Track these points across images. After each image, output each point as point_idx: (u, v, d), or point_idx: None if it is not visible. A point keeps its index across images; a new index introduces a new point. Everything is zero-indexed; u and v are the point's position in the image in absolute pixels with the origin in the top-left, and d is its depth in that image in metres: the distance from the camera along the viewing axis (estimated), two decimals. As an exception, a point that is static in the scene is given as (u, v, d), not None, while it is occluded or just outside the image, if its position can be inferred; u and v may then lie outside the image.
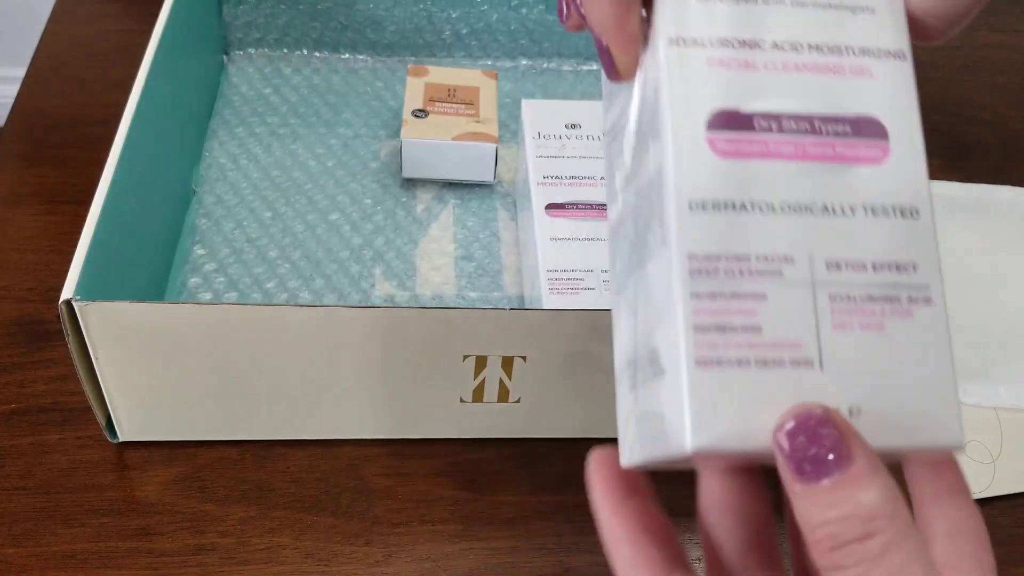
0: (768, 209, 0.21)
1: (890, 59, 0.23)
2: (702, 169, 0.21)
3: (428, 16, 0.64)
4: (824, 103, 0.22)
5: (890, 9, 0.23)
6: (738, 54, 0.22)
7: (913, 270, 0.22)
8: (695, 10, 0.22)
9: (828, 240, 0.21)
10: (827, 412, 0.20)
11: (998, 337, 0.52)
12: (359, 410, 0.43)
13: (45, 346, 0.47)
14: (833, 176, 0.22)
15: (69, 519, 0.41)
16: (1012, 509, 0.45)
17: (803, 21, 0.22)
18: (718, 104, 0.22)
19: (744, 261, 0.21)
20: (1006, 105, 0.70)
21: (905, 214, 0.22)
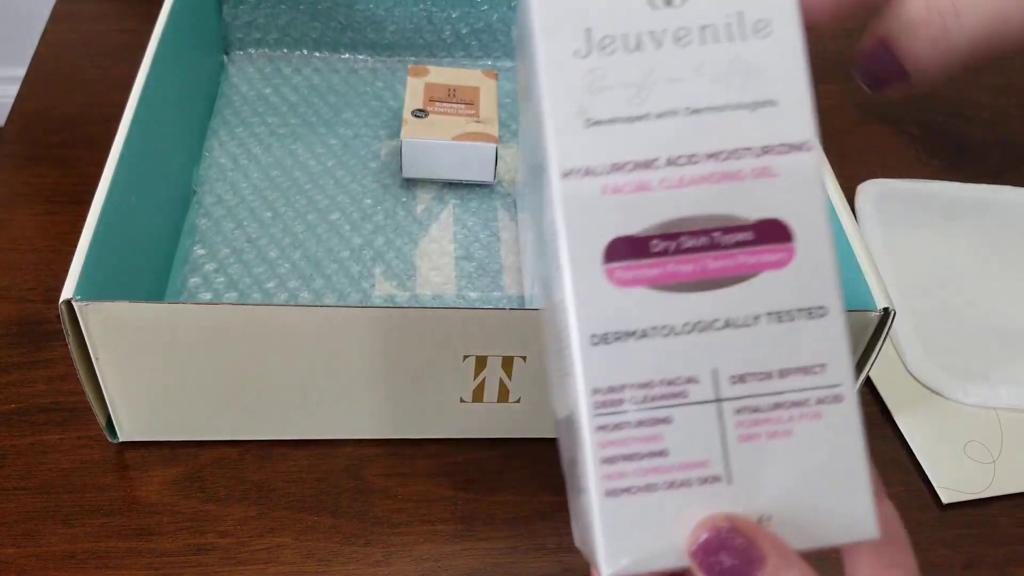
0: (670, 332, 0.21)
1: (793, 153, 0.22)
2: (601, 302, 0.21)
3: (428, 16, 0.63)
4: (724, 214, 0.22)
5: (793, 98, 0.22)
6: (632, 177, 0.21)
7: (821, 370, 0.22)
8: (587, 138, 0.22)
9: (732, 354, 0.21)
10: (731, 521, 0.21)
11: (999, 337, 0.52)
12: (359, 410, 0.43)
13: (45, 346, 0.47)
14: (735, 288, 0.22)
15: (69, 519, 0.41)
16: (1012, 509, 0.45)
17: (699, 130, 0.22)
18: (614, 233, 0.21)
19: (648, 388, 0.21)
20: (1008, 105, 0.70)
21: (812, 314, 0.22)
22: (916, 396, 0.49)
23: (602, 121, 0.22)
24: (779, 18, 0.22)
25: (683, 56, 0.22)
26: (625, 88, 0.22)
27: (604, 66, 0.22)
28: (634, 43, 0.22)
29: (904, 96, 0.70)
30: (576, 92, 0.22)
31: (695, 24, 0.22)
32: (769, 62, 0.22)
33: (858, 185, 0.60)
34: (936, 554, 0.43)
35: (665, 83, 0.22)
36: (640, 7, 0.22)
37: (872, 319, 0.40)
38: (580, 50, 0.22)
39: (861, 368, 0.42)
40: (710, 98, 0.22)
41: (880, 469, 0.48)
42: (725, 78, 0.22)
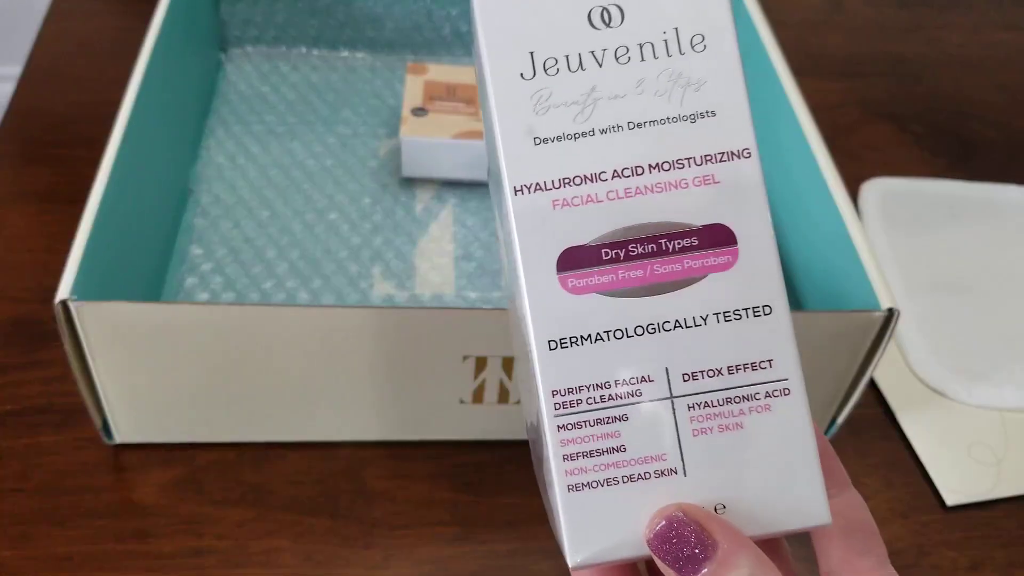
0: (623, 335, 0.23)
1: (735, 160, 0.23)
2: (557, 310, 0.23)
3: (427, 13, 0.63)
4: (670, 221, 0.23)
5: (732, 108, 0.23)
6: (581, 190, 0.23)
7: (770, 366, 0.23)
8: (536, 155, 0.23)
9: (684, 354, 0.23)
10: (684, 510, 0.22)
11: (1004, 338, 0.52)
12: (358, 412, 0.43)
13: (41, 347, 0.47)
14: (684, 291, 0.23)
15: (65, 521, 0.41)
16: (1017, 511, 0.45)
17: (642, 143, 0.23)
18: (566, 244, 0.23)
19: (605, 388, 0.23)
20: (1013, 103, 0.69)
21: (758, 312, 0.23)
22: (920, 397, 0.49)
23: (549, 139, 0.23)
24: (714, 32, 0.23)
25: (624, 73, 0.23)
26: (570, 106, 0.23)
27: (549, 86, 0.23)
28: (576, 63, 0.23)
29: (908, 94, 0.69)
30: (524, 112, 0.23)
31: (634, 42, 0.23)
32: (707, 75, 0.23)
33: (862, 184, 0.60)
34: (940, 556, 0.43)
35: (608, 100, 0.23)
36: (581, 28, 0.23)
37: (876, 319, 0.40)
38: (526, 72, 0.23)
39: (865, 369, 0.42)
40: (652, 112, 0.23)
41: (884, 471, 0.48)
42: (665, 92, 0.23)
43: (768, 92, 0.53)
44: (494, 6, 0.23)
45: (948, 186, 0.61)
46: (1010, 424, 0.48)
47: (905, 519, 0.44)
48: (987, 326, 0.53)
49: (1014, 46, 0.75)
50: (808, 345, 0.41)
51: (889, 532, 0.44)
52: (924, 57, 0.73)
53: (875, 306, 0.40)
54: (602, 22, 0.23)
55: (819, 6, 0.77)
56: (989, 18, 0.78)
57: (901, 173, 0.62)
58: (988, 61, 0.73)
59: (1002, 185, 0.62)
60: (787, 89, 0.51)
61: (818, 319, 0.40)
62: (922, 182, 0.61)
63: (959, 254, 0.57)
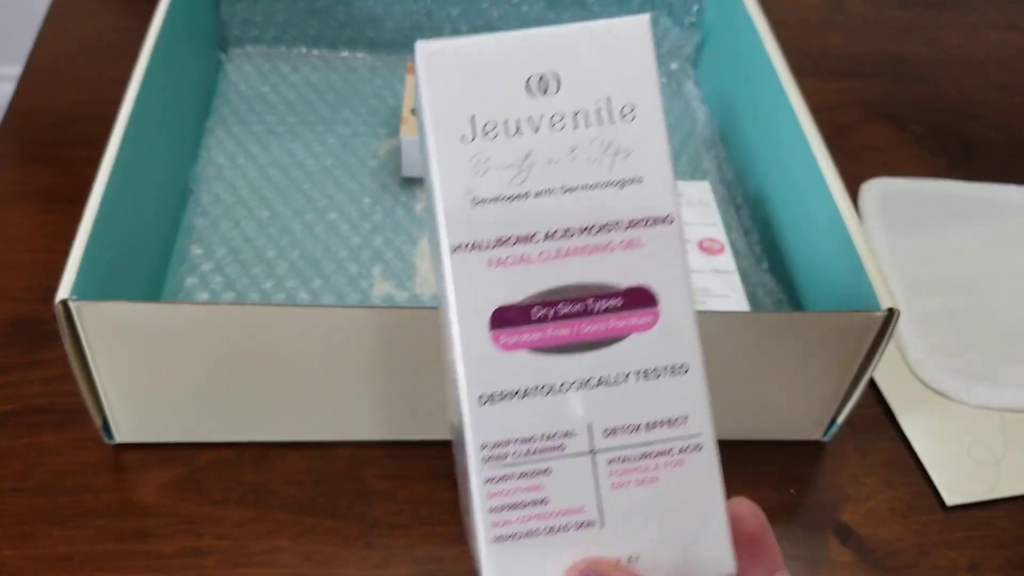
0: (550, 391, 0.24)
1: (658, 225, 0.24)
2: (488, 366, 0.24)
3: (428, 13, 0.63)
4: (596, 282, 0.24)
5: (657, 175, 0.24)
6: (514, 251, 0.24)
7: (684, 422, 0.24)
8: (473, 216, 0.24)
9: (605, 410, 0.24)
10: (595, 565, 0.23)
11: (1003, 338, 0.52)
12: (358, 411, 0.43)
13: (41, 347, 0.47)
14: (608, 350, 0.24)
15: (65, 521, 0.41)
16: (1016, 511, 0.45)
17: (573, 206, 0.24)
18: (499, 302, 0.24)
19: (530, 442, 0.24)
20: (1013, 103, 0.69)
21: (675, 371, 0.24)
22: (920, 397, 0.49)
23: (486, 200, 0.24)
24: (643, 103, 0.24)
25: (558, 139, 0.24)
26: (506, 169, 0.24)
27: (487, 150, 0.24)
28: (514, 128, 0.24)
29: (908, 94, 0.69)
30: (463, 174, 0.24)
31: (568, 110, 0.24)
32: (635, 143, 0.24)
33: (862, 184, 0.60)
34: (940, 556, 0.43)
35: (542, 164, 0.24)
36: (519, 95, 0.24)
37: (876, 319, 0.40)
38: (466, 135, 0.24)
39: (865, 369, 0.42)
40: (583, 177, 0.24)
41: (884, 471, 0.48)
42: (596, 159, 0.24)
43: (768, 92, 0.53)
44: (439, 69, 0.24)
45: (948, 186, 0.61)
46: (1010, 424, 0.48)
47: (905, 519, 0.44)
48: (987, 326, 0.53)
49: (1014, 46, 0.75)
50: (808, 345, 0.41)
51: (889, 532, 0.44)
52: (924, 57, 0.73)
53: (875, 306, 0.40)
54: (539, 90, 0.24)
55: (819, 6, 0.77)
56: (989, 18, 0.78)
57: (901, 173, 0.62)
58: (988, 61, 0.73)
59: (1002, 185, 0.62)
60: (787, 89, 0.51)
61: (818, 319, 0.40)
62: (922, 182, 0.61)
63: (959, 254, 0.57)
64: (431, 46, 0.24)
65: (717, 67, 0.62)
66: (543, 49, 0.24)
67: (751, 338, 0.41)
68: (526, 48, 0.24)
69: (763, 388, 0.43)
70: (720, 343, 0.41)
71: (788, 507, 0.44)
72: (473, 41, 0.24)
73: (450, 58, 0.24)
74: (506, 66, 0.24)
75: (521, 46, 0.24)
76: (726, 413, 0.45)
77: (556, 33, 0.24)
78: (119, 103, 0.44)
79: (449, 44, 0.24)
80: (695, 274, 0.48)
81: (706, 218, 0.51)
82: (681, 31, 0.65)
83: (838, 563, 0.42)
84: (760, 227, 0.54)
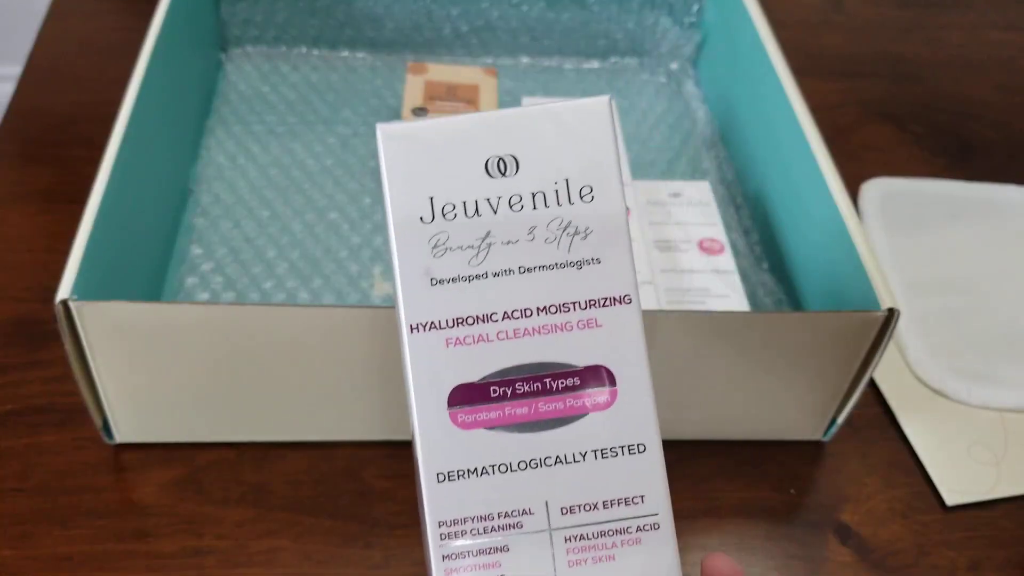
0: (507, 469, 0.24)
1: (616, 305, 0.24)
2: (446, 444, 0.24)
3: (428, 13, 0.63)
4: (554, 361, 0.24)
5: (616, 256, 0.25)
6: (472, 330, 0.24)
7: (641, 501, 0.24)
8: (432, 296, 0.24)
9: (563, 488, 0.24)
10: None
11: (1003, 338, 0.52)
12: (358, 411, 0.43)
13: (41, 347, 0.47)
14: (565, 428, 0.24)
15: (66, 521, 0.41)
16: (1016, 511, 0.45)
17: (531, 287, 0.24)
18: (457, 380, 0.24)
19: (488, 520, 0.24)
20: (1012, 103, 0.69)
21: (632, 450, 0.24)
22: (920, 397, 0.49)
23: (445, 280, 0.24)
24: (602, 185, 0.25)
25: (517, 220, 0.24)
26: (465, 250, 0.24)
27: (446, 230, 0.24)
28: (473, 209, 0.24)
29: (908, 94, 0.69)
30: (422, 254, 0.24)
31: (527, 191, 0.24)
32: (594, 224, 0.25)
33: (862, 184, 0.60)
34: (940, 556, 0.43)
35: (501, 245, 0.24)
36: (478, 177, 0.24)
37: (876, 319, 0.40)
38: (425, 216, 0.24)
39: (865, 369, 0.42)
40: (541, 258, 0.24)
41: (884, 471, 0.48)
42: (555, 239, 0.24)
43: (768, 92, 0.53)
44: (398, 150, 0.24)
45: (948, 186, 0.61)
46: (1010, 424, 0.48)
47: (905, 519, 0.44)
48: (987, 326, 0.53)
49: (1014, 46, 0.75)
50: (808, 345, 0.41)
51: (889, 532, 0.44)
52: (924, 57, 0.73)
53: (875, 306, 0.40)
54: (498, 171, 0.24)
55: (819, 6, 0.77)
56: (989, 18, 0.78)
57: (901, 173, 0.62)
58: (988, 61, 0.73)
59: (1002, 185, 0.62)
60: (787, 89, 0.51)
61: (818, 319, 0.40)
62: (922, 182, 0.61)
63: (959, 254, 0.57)
64: (391, 128, 0.24)
65: (717, 67, 0.62)
66: (502, 131, 0.24)
67: (751, 338, 0.41)
68: (485, 130, 0.24)
69: (763, 388, 0.43)
70: (720, 343, 0.41)
71: (788, 507, 0.44)
72: (433, 123, 0.25)
73: (410, 140, 0.24)
74: (465, 148, 0.24)
75: (480, 128, 0.24)
76: (726, 413, 0.45)
77: (516, 115, 0.25)
78: (119, 103, 0.44)
79: (409, 127, 0.25)
80: (695, 274, 0.48)
81: (706, 218, 0.51)
82: (681, 31, 0.65)
83: (838, 563, 0.42)
84: (760, 227, 0.54)
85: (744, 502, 0.44)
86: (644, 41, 0.66)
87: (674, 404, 0.44)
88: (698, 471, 0.45)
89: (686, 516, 0.43)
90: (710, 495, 0.44)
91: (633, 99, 0.64)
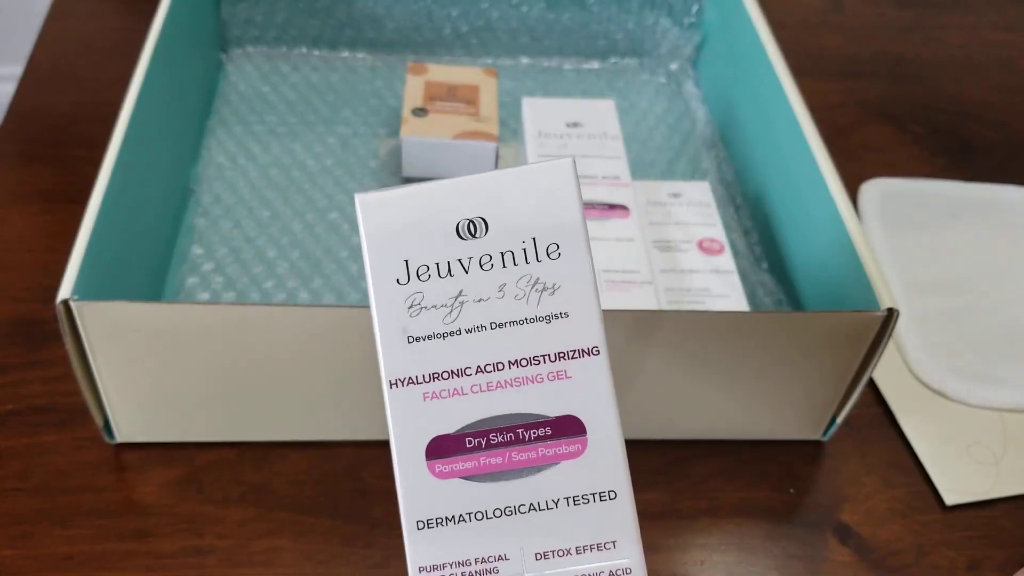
0: (483, 517, 0.25)
1: (585, 357, 0.25)
2: (424, 494, 0.25)
3: (428, 13, 0.63)
4: (527, 413, 0.25)
5: (583, 309, 0.26)
6: (448, 384, 0.25)
7: (613, 547, 0.25)
8: (409, 352, 0.25)
9: (536, 534, 0.25)
10: None
11: (1003, 338, 0.52)
12: (358, 411, 0.43)
13: (42, 346, 0.47)
14: (538, 476, 0.25)
15: (66, 521, 0.41)
16: (1016, 511, 0.45)
17: (502, 341, 0.25)
18: (434, 432, 0.25)
19: (466, 565, 0.25)
20: (1012, 103, 0.70)
21: (603, 497, 0.25)
22: (919, 397, 0.49)
23: (421, 337, 0.25)
24: (568, 242, 0.26)
25: (487, 279, 0.26)
26: (439, 308, 0.26)
27: (421, 290, 0.26)
28: (446, 269, 0.26)
29: (908, 94, 0.69)
30: (398, 313, 0.26)
31: (496, 250, 0.26)
32: (561, 279, 0.26)
33: (861, 184, 0.60)
34: (939, 556, 0.43)
35: (472, 303, 0.26)
36: (449, 239, 0.26)
37: (876, 319, 0.40)
38: (401, 278, 0.26)
39: (865, 369, 0.42)
40: (511, 313, 0.26)
41: (883, 471, 0.48)
42: (524, 296, 0.26)
43: (768, 92, 0.53)
44: (375, 217, 0.26)
45: (947, 186, 0.61)
46: (1009, 424, 0.48)
47: (904, 519, 0.44)
48: (987, 326, 0.53)
49: (1014, 46, 0.75)
50: (808, 345, 0.41)
51: (888, 532, 0.44)
52: (924, 57, 0.73)
53: (875, 306, 0.40)
54: (468, 233, 0.26)
55: (819, 6, 0.77)
56: (989, 18, 0.78)
57: (901, 173, 0.62)
58: (988, 61, 0.73)
59: (1001, 185, 0.62)
60: (787, 89, 0.51)
61: (818, 319, 0.40)
62: (922, 182, 0.61)
63: (959, 254, 0.57)
64: (368, 197, 0.26)
65: (717, 67, 0.62)
66: (471, 195, 0.26)
67: (751, 338, 0.41)
68: (456, 195, 0.26)
69: (763, 388, 0.43)
70: (720, 343, 0.41)
71: (788, 507, 0.44)
72: (407, 190, 0.26)
73: (385, 207, 0.26)
74: (437, 212, 0.26)
75: (451, 193, 0.26)
76: (726, 413, 0.45)
77: (485, 180, 0.26)
78: (120, 103, 0.44)
79: (384, 194, 0.26)
80: (695, 274, 0.48)
81: (706, 218, 0.51)
82: (681, 31, 0.65)
83: (838, 563, 0.42)
84: (760, 227, 0.54)
85: (744, 502, 0.44)
86: (644, 41, 0.66)
87: (674, 404, 0.44)
88: (698, 471, 0.45)
89: (686, 516, 0.43)
90: (710, 495, 0.44)
91: (633, 99, 0.64)
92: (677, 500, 0.44)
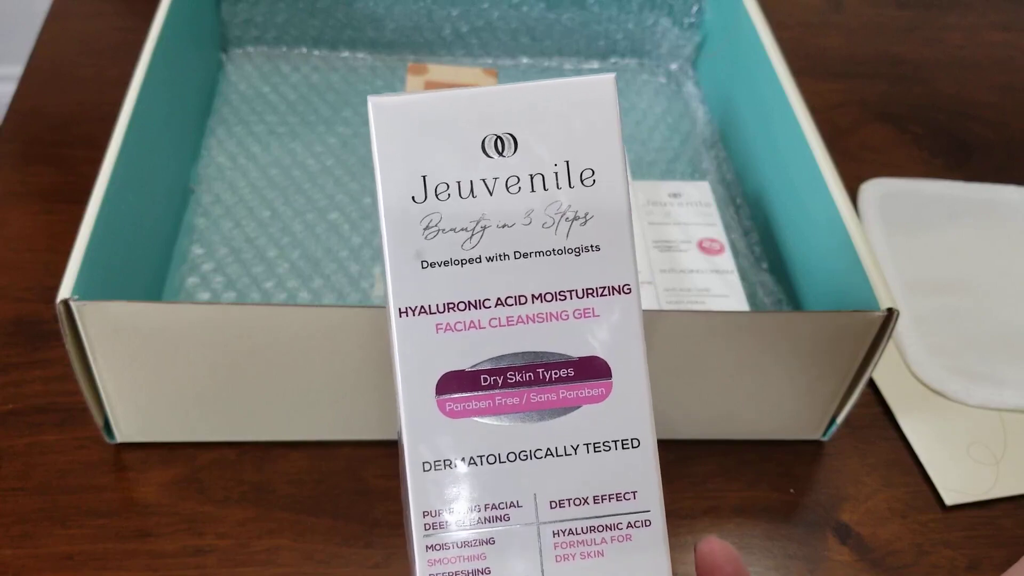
0: (496, 460, 0.23)
1: (614, 295, 0.24)
2: (433, 432, 0.23)
3: (428, 14, 0.63)
4: (548, 352, 0.23)
5: (616, 243, 0.24)
6: (464, 316, 0.23)
7: (634, 497, 0.24)
8: (422, 278, 0.23)
9: (552, 481, 0.23)
10: None
11: (1002, 338, 0.52)
12: (359, 411, 0.43)
13: (42, 346, 0.47)
14: (557, 420, 0.24)
15: (67, 520, 0.41)
16: (1016, 511, 0.45)
17: (526, 273, 0.23)
18: (446, 367, 0.23)
19: (475, 511, 0.23)
20: (1010, 104, 0.70)
21: (626, 445, 0.24)
22: (919, 397, 0.49)
23: (436, 263, 0.23)
24: (604, 168, 0.23)
25: (513, 203, 0.23)
26: (459, 232, 0.23)
27: (439, 211, 0.23)
28: (468, 190, 0.23)
29: (908, 94, 0.69)
30: (413, 235, 0.23)
31: (525, 172, 0.23)
32: (594, 210, 0.24)
33: (861, 184, 0.60)
34: (939, 556, 0.43)
35: (496, 228, 0.23)
36: (474, 155, 0.23)
37: (876, 319, 0.40)
38: (417, 195, 0.23)
39: (865, 369, 0.42)
40: (538, 243, 0.23)
41: (883, 471, 0.48)
42: (552, 224, 0.23)
43: (768, 92, 0.53)
44: (390, 125, 0.23)
45: (947, 186, 0.61)
46: (1009, 424, 0.48)
47: (904, 519, 0.44)
48: (987, 326, 0.53)
49: (1014, 46, 0.75)
50: (807, 345, 0.41)
51: (888, 532, 0.44)
52: (924, 57, 0.73)
53: (875, 306, 0.40)
54: (495, 151, 0.23)
55: (819, 6, 0.77)
56: (989, 18, 0.78)
57: (900, 173, 0.62)
58: (987, 61, 0.73)
59: (1001, 185, 0.62)
60: (787, 89, 0.51)
61: (818, 319, 0.40)
62: (921, 182, 0.61)
63: (958, 254, 0.57)
64: (383, 101, 0.23)
65: (717, 67, 0.63)
66: (500, 108, 0.23)
67: (751, 338, 0.41)
68: (483, 107, 0.23)
69: (763, 388, 0.43)
70: (720, 343, 0.41)
71: (788, 507, 0.44)
72: (428, 97, 0.23)
73: (403, 114, 0.23)
74: (461, 125, 0.23)
75: (478, 104, 0.23)
76: (726, 413, 0.45)
77: (515, 91, 0.23)
78: (120, 103, 0.44)
79: (402, 99, 0.23)
80: (695, 274, 0.48)
81: (706, 218, 0.51)
82: (681, 31, 0.65)
83: (837, 563, 0.43)
84: (760, 227, 0.54)
85: (744, 502, 0.44)
86: (644, 41, 0.66)
87: (674, 404, 0.44)
88: (698, 471, 0.45)
89: (686, 516, 0.43)
90: (710, 495, 0.44)
91: (633, 99, 0.64)
92: (677, 500, 0.44)
